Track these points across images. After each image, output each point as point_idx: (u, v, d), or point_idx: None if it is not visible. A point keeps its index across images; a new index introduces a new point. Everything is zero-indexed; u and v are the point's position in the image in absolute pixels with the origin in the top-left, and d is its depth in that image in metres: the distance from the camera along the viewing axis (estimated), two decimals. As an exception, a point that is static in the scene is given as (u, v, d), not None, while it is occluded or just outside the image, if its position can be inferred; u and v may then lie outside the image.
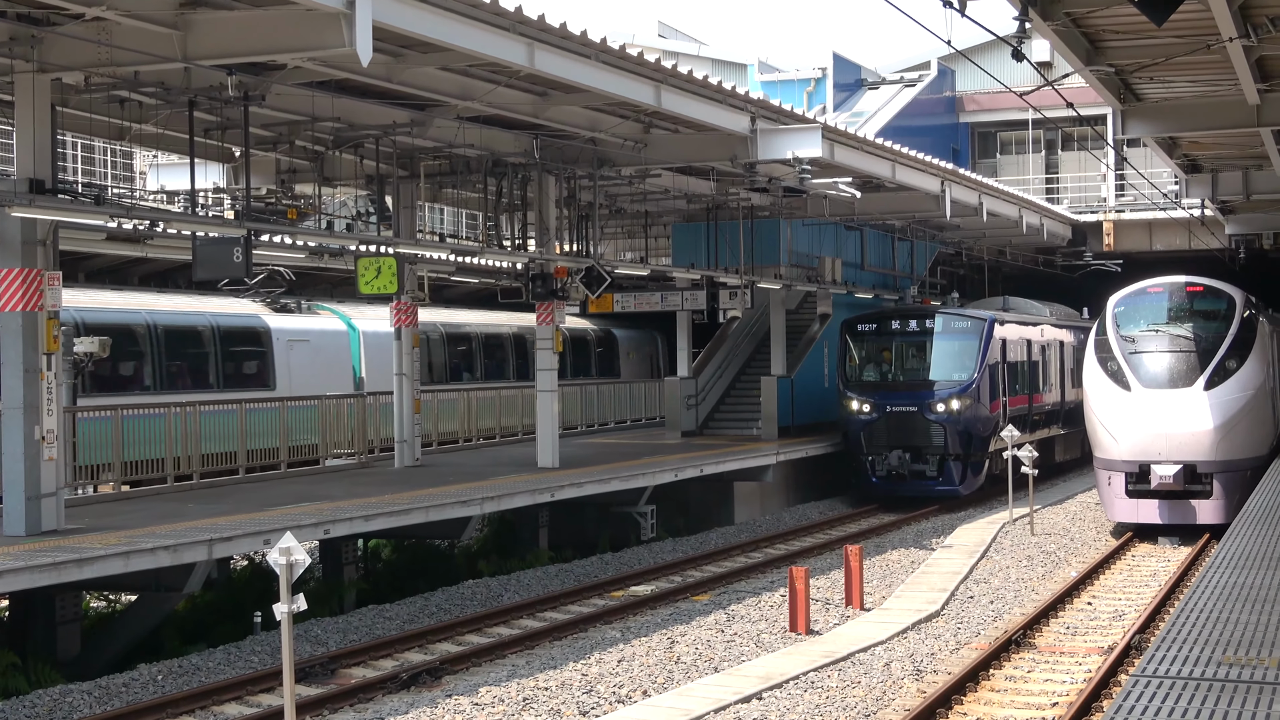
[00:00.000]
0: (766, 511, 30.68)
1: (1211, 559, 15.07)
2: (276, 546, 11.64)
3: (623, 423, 38.77)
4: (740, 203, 31.72)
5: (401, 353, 26.72)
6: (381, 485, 23.03)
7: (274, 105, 20.24)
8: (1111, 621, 18.33)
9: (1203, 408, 24.56)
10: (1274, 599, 12.56)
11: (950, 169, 32.51)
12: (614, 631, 18.21)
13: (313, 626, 18.43)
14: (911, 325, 32.02)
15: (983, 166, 49.44)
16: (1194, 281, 26.79)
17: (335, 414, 26.94)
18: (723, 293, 32.05)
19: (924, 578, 21.34)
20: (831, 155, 25.63)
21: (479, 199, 27.36)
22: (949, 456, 30.60)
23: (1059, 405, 36.69)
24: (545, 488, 22.99)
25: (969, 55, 43.97)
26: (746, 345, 38.01)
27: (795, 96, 42.79)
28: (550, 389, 26.36)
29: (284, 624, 11.70)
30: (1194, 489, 24.71)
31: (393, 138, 22.62)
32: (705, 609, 19.53)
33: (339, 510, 19.50)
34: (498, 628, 18.79)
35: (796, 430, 34.22)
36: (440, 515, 20.58)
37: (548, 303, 26.23)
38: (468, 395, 32.44)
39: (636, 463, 27.04)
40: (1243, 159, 30.44)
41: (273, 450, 25.39)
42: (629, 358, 44.20)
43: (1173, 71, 21.07)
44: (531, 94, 21.33)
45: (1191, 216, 38.85)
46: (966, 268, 49.01)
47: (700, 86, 21.86)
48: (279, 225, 23.05)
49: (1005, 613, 18.96)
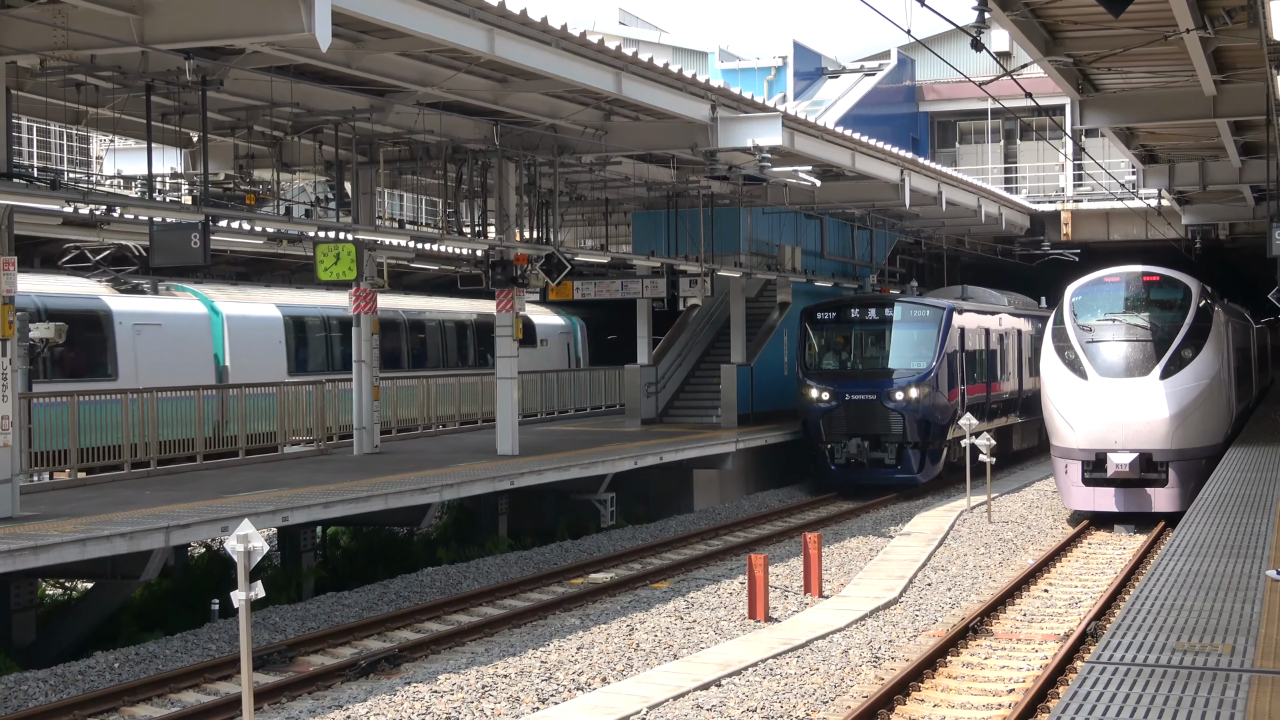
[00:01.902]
0: (726, 499, 30.74)
1: (1166, 547, 15.19)
2: (234, 534, 11.60)
3: (583, 410, 38.75)
4: (700, 190, 31.73)
5: (360, 339, 26.62)
6: (340, 472, 22.96)
7: (232, 90, 20.10)
8: (1068, 608, 18.45)
9: (1158, 397, 24.74)
10: (1227, 586, 12.68)
11: (910, 158, 32.60)
12: (573, 619, 18.22)
13: (271, 614, 18.36)
14: (871, 314, 32.12)
15: (942, 156, 49.64)
16: (1150, 271, 26.97)
17: (294, 401, 26.81)
18: (683, 280, 32.07)
19: (882, 565, 21.43)
20: (792, 144, 25.66)
21: (439, 185, 27.29)
22: (907, 445, 30.72)
23: (1017, 394, 36.89)
24: (505, 475, 22.96)
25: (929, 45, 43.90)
26: (706, 333, 38.05)
27: (756, 85, 42.85)
28: (510, 376, 26.33)
29: (242, 611, 11.65)
30: (1150, 477, 24.89)
31: (352, 123, 22.50)
32: (664, 596, 19.56)
33: (297, 497, 19.43)
34: (457, 615, 18.77)
35: (756, 418, 34.29)
36: (399, 502, 20.52)
37: (508, 290, 26.18)
38: (427, 382, 32.34)
39: (596, 450, 27.05)
40: (1199, 150, 30.68)
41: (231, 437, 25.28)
42: (543, 345, 42.68)
43: (1130, 62, 21.21)
44: (492, 80, 21.26)
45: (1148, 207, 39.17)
46: (925, 257, 49.21)
47: (661, 74, 21.84)
48: (237, 211, 22.90)
49: (963, 600, 19.06)
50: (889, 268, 44.72)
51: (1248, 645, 10.31)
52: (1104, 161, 40.10)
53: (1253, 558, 14.19)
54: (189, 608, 19.32)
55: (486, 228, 26.98)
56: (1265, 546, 14.86)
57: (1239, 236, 42.78)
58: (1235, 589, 12.54)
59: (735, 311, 35.10)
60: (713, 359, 36.96)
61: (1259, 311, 45.73)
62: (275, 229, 24.77)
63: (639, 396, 34.88)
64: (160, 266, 20.15)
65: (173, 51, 17.05)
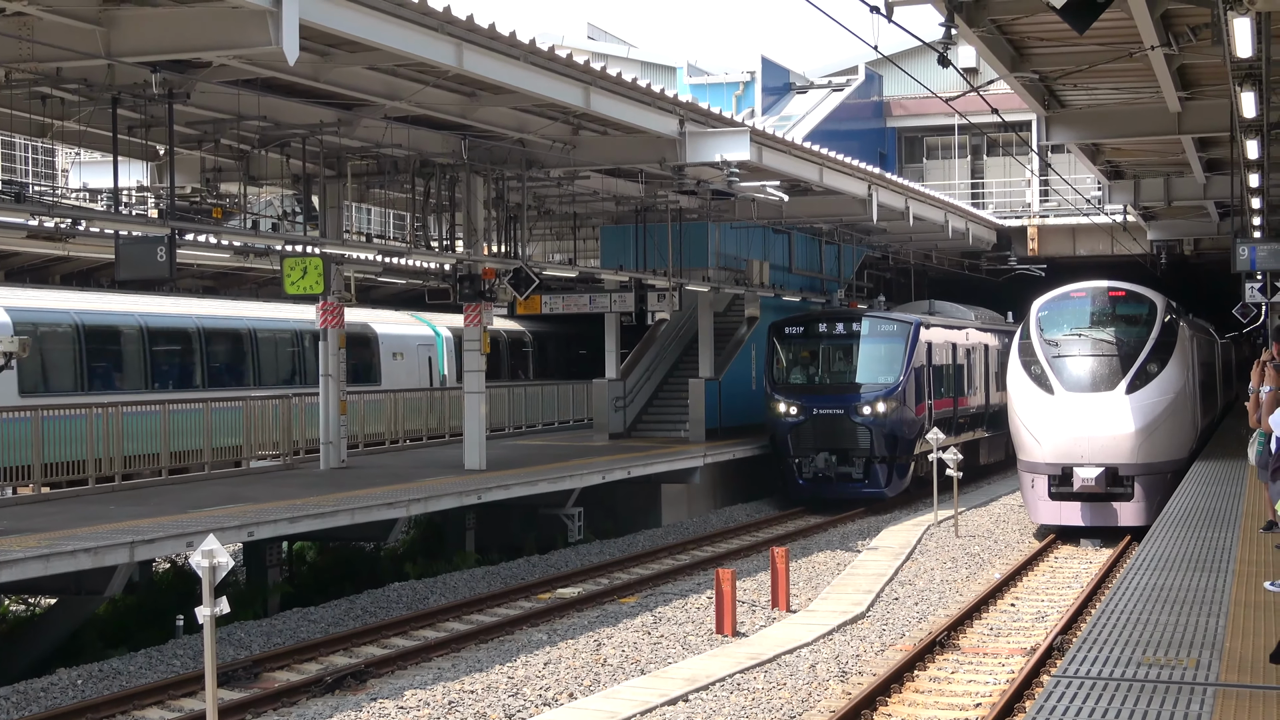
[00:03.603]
0: (694, 514, 30.73)
1: (1132, 561, 15.26)
2: (199, 549, 11.54)
3: (550, 424, 38.72)
4: (669, 205, 31.77)
5: (328, 353, 26.53)
6: (307, 487, 22.86)
7: (199, 103, 20.05)
8: (1034, 623, 18.51)
9: (1124, 411, 24.85)
10: (1192, 600, 12.74)
11: (877, 173, 32.72)
12: (540, 634, 18.18)
13: (236, 630, 18.27)
14: (838, 328, 32.19)
15: (909, 171, 49.84)
16: (1116, 286, 27.09)
17: (260, 415, 26.70)
18: (651, 295, 32.10)
19: (850, 579, 21.46)
20: (760, 159, 25.71)
21: (406, 199, 27.24)
22: (875, 459, 30.77)
23: (984, 408, 37.01)
24: (472, 489, 22.91)
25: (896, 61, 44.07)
26: (674, 348, 38.07)
27: (724, 100, 42.93)
28: (477, 390, 26.29)
29: (206, 627, 11.59)
30: (1116, 491, 24.98)
31: (319, 137, 22.46)
32: (632, 611, 19.54)
33: (263, 512, 19.34)
34: (423, 630, 18.70)
35: (724, 432, 34.31)
36: (366, 517, 20.45)
37: (475, 304, 26.14)
38: (394, 396, 32.26)
39: (564, 465, 27.01)
40: (1164, 166, 30.88)
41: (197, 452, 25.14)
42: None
43: (1096, 79, 21.34)
44: (460, 94, 21.25)
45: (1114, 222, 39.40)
46: (893, 271, 49.36)
47: (629, 89, 21.87)
48: (204, 224, 22.85)
49: (930, 614, 19.10)
50: (857, 282, 44.84)
51: (1213, 659, 10.36)
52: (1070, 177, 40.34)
53: (1218, 571, 14.27)
54: (153, 624, 19.21)
55: (454, 242, 26.95)
56: (1230, 560, 14.94)
57: (1204, 252, 43.07)
58: (1201, 603, 12.61)
59: (703, 326, 35.14)
60: (681, 373, 36.98)
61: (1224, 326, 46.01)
62: (242, 243, 24.71)
63: (607, 411, 34.87)
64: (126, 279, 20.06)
65: (139, 64, 16.98)
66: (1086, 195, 38.10)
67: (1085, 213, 41.09)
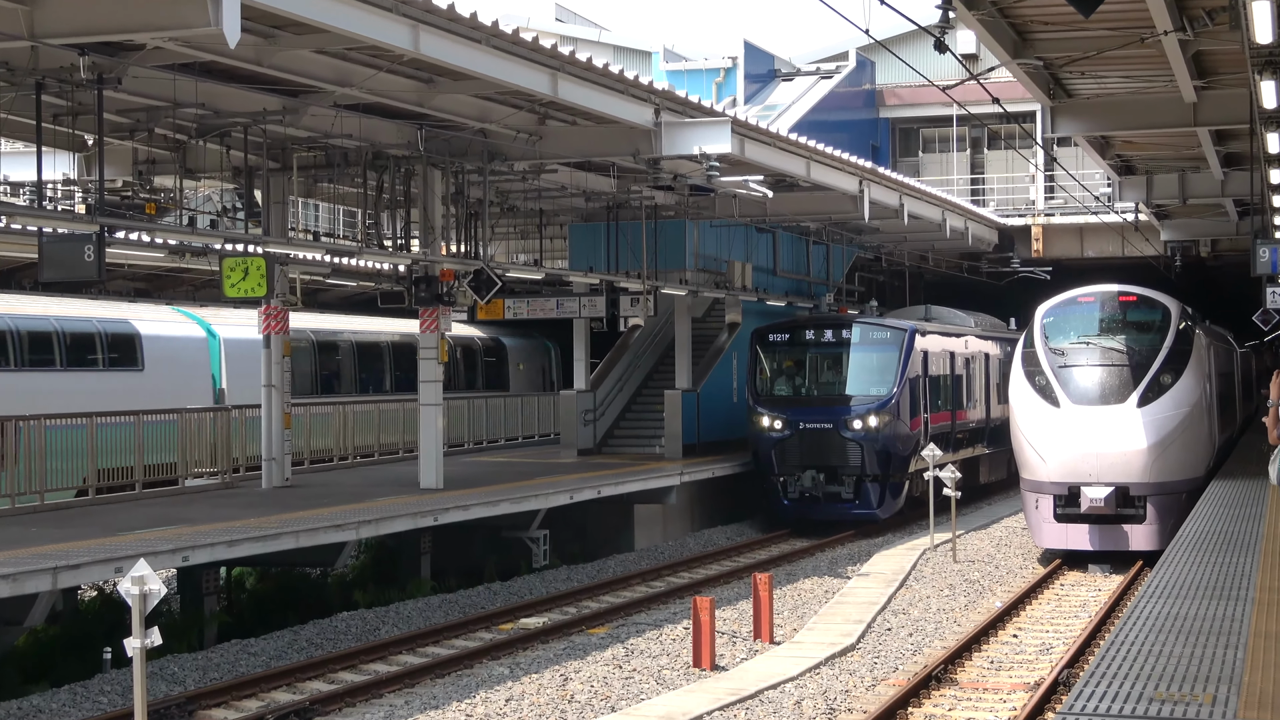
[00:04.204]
0: (669, 537, 30.72)
1: (1144, 588, 15.29)
2: (129, 575, 11.48)
3: (514, 440, 38.67)
4: (643, 202, 31.77)
5: (271, 362, 26.45)
6: (247, 507, 22.78)
7: (131, 89, 19.95)
8: (1038, 655, 18.55)
9: (1136, 426, 24.94)
10: (1209, 631, 12.77)
11: (869, 168, 32.78)
12: (502, 668, 18.14)
13: (169, 663, 18.18)
14: (827, 335, 32.24)
15: (904, 165, 49.96)
16: (1127, 291, 27.20)
17: (197, 429, 26.60)
18: (623, 299, 32.07)
19: (838, 608, 21.48)
20: (742, 151, 25.74)
21: (357, 195, 27.17)
22: (866, 477, 30.82)
23: (984, 422, 37.10)
24: (428, 510, 22.86)
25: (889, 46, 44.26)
26: (649, 356, 38.07)
27: (703, 88, 43.01)
28: (434, 402, 26.24)
29: (136, 660, 11.53)
30: (1126, 513, 25.06)
31: (263, 126, 22.39)
32: (602, 643, 19.51)
33: (199, 535, 19.26)
34: (374, 664, 18.64)
35: (703, 448, 34.31)
36: (312, 540, 20.38)
37: (432, 308, 26.10)
38: (343, 409, 32.18)
39: (528, 483, 26.98)
40: (1179, 161, 31.01)
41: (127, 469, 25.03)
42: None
43: (1105, 66, 21.41)
44: (416, 81, 21.22)
45: (1125, 221, 39.52)
46: (886, 274, 49.47)
47: (600, 75, 21.88)
48: (136, 221, 22.78)
49: (925, 646, 19.12)
50: (847, 286, 44.91)
51: (1230, 694, 10.38)
52: (1077, 173, 40.47)
53: (1237, 600, 14.31)
54: (78, 657, 19.11)
55: (409, 241, 26.90)
56: (1249, 588, 14.99)
57: (1222, 254, 43.27)
58: (1218, 633, 12.63)
59: (680, 332, 35.15)
60: (656, 384, 36.98)
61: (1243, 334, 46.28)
62: (178, 241, 24.62)
63: (575, 425, 34.85)
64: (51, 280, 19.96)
65: (66, 47, 16.90)
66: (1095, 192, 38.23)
67: (1094, 211, 41.26)
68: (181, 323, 31.74)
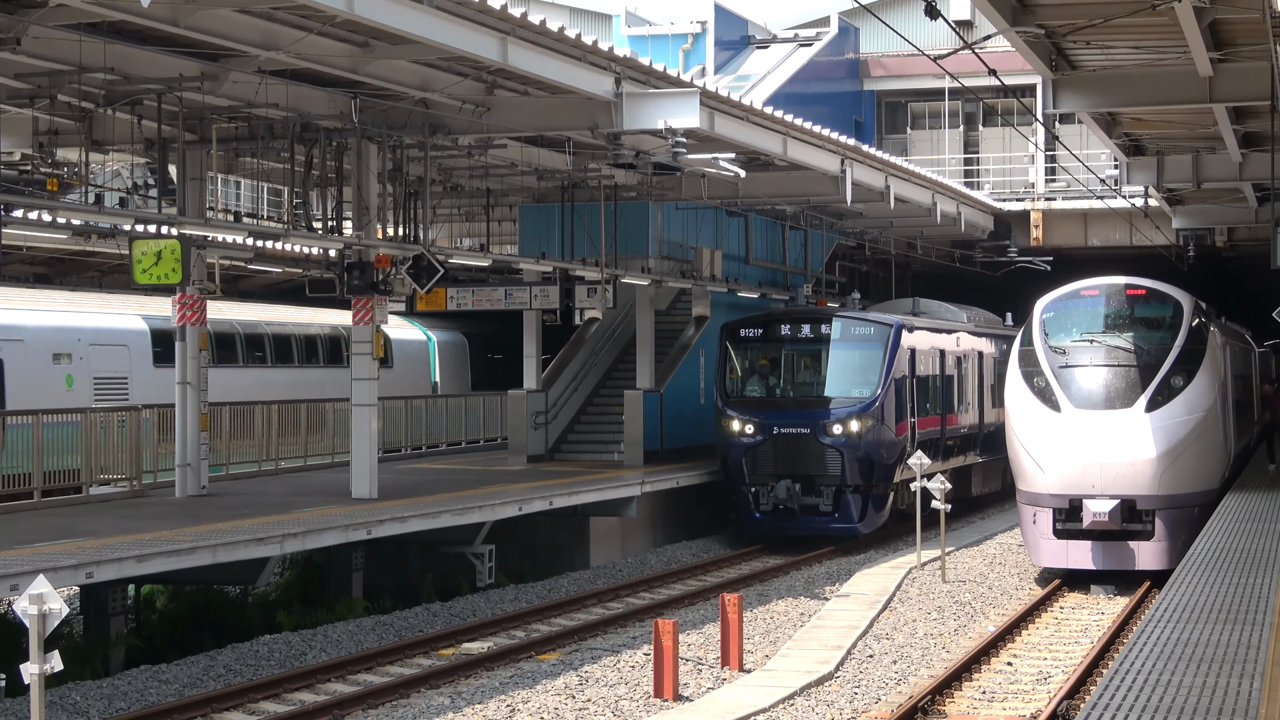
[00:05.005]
0: (629, 553, 30.75)
1: (1152, 611, 15.38)
2: (26, 593, 11.44)
3: (456, 444, 38.62)
4: (601, 181, 31.78)
5: (186, 357, 26.35)
6: (159, 519, 22.71)
7: (31, 51, 19.86)
8: (1035, 685, 18.63)
9: (1144, 433, 25.04)
10: (1222, 658, 12.85)
11: (852, 145, 32.87)
12: (442, 698, 18.14)
13: (71, 691, 18.11)
14: (804, 331, 32.29)
15: (891, 143, 50.07)
16: (1135, 284, 27.31)
17: (104, 432, 26.49)
18: (579, 289, 32.05)
19: (815, 633, 21.52)
20: (711, 126, 25.76)
21: (284, 171, 27.08)
22: (847, 488, 30.87)
23: (977, 428, 37.23)
24: (361, 523, 22.82)
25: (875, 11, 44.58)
26: (607, 353, 38.06)
27: (669, 55, 42.99)
28: (368, 403, 26.18)
29: (34, 688, 11.48)
30: (1133, 528, 25.16)
31: (179, 94, 22.31)
32: (553, 670, 19.52)
33: (105, 549, 19.18)
34: (299, 693, 18.60)
35: (666, 455, 34.33)
36: (231, 555, 20.32)
37: (367, 298, 26.04)
38: (267, 410, 32.08)
39: (472, 493, 26.96)
40: (1193, 141, 31.15)
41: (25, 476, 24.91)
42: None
43: (1113, 35, 21.50)
44: (350, 45, 21.18)
45: (1133, 207, 39.73)
46: (870, 263, 49.60)
47: (555, 40, 21.87)
48: (36, 199, 22.65)
49: (911, 675, 19.19)
50: (827, 276, 45.01)
51: (1245, 729, 10.46)
52: (1081, 153, 40.65)
53: (1252, 624, 14.40)
54: (-31, 684, 19.01)
55: (341, 223, 26.83)
56: (1267, 611, 15.09)
57: (1239, 244, 43.50)
58: (1232, 662, 12.72)
59: (642, 327, 35.15)
60: (615, 384, 36.96)
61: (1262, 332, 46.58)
62: (83, 220, 24.52)
63: (525, 428, 34.80)
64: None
65: (-43, 3, 16.83)
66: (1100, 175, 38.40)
67: (1099, 195, 41.42)
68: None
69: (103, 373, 31.28)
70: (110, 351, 31.75)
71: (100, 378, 30.93)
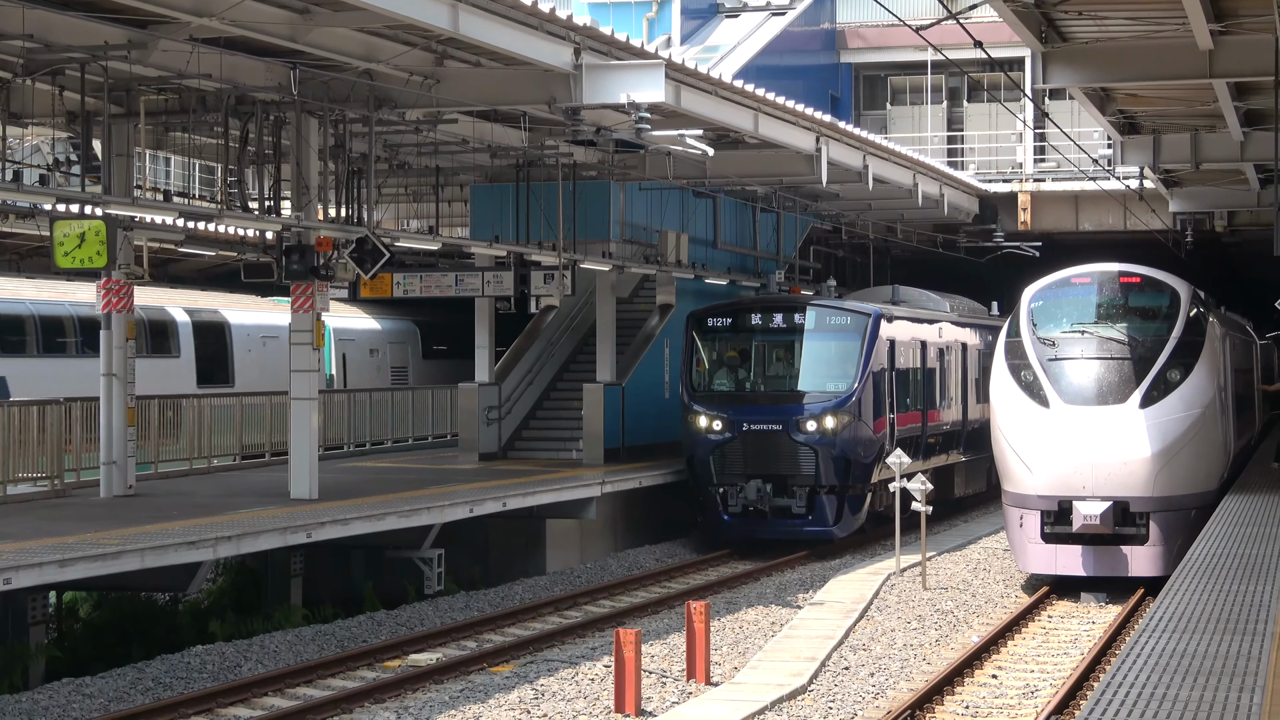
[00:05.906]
0: (588, 558, 30.76)
1: (1145, 620, 15.45)
2: (-62, 600, 11.39)
3: (403, 441, 38.56)
4: (559, 159, 31.74)
5: (111, 347, 26.25)
6: (82, 520, 22.64)
7: (-57, 16, 19.78)
8: (1021, 699, 18.70)
9: (1138, 430, 25.12)
10: (1220, 670, 12.92)
11: (828, 122, 32.90)
12: (388, 713, 18.13)
13: (-14, 706, 18.08)
14: (776, 321, 32.32)
15: (869, 120, 50.17)
16: (1129, 271, 27.39)
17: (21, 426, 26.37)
18: (535, 275, 32.02)
19: (787, 643, 21.56)
20: (677, 100, 25.76)
21: (217, 147, 26.99)
22: (821, 489, 30.91)
23: (960, 425, 37.33)
24: (300, 526, 22.78)
25: (854, -23, 44.72)
26: (565, 343, 38.06)
27: (632, 24, 43.02)
28: (309, 396, 26.12)
29: (-53, 703, 11.44)
30: (1126, 532, 25.24)
31: (104, 63, 22.21)
32: (506, 683, 19.52)
33: (23, 553, 19.11)
34: (234, 708, 18.58)
35: (628, 453, 34.35)
36: (160, 560, 20.27)
37: (306, 284, 25.96)
38: (198, 404, 31.97)
39: (420, 494, 26.94)
40: (1191, 118, 31.25)
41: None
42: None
43: (1106, 5, 21.58)
44: (290, 11, 21.12)
45: (1128, 189, 39.82)
46: (847, 248, 49.66)
47: (510, 7, 21.83)
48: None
49: (889, 688, 19.24)
50: (800, 262, 45.07)
51: (1244, 745, 10.52)
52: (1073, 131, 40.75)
53: (1253, 635, 14.47)
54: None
55: (279, 203, 26.75)
56: (1267, 621, 15.17)
57: (1240, 228, 43.69)
58: (1230, 674, 12.78)
59: (603, 316, 35.14)
60: (573, 377, 36.97)
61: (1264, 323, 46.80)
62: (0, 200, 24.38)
63: (476, 424, 34.76)
64: None
65: None
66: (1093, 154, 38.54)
67: (1091, 176, 41.58)
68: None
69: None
70: None
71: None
